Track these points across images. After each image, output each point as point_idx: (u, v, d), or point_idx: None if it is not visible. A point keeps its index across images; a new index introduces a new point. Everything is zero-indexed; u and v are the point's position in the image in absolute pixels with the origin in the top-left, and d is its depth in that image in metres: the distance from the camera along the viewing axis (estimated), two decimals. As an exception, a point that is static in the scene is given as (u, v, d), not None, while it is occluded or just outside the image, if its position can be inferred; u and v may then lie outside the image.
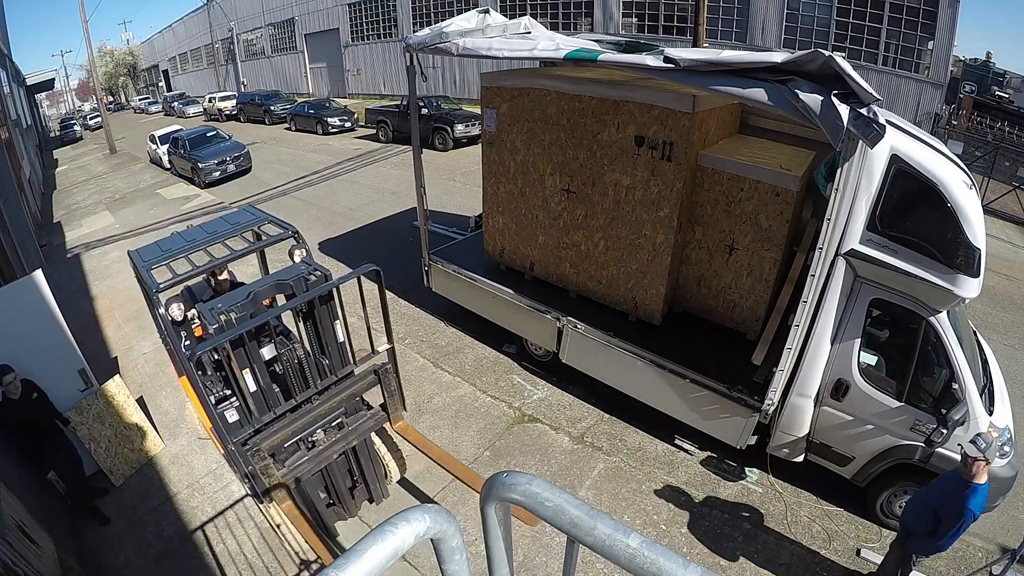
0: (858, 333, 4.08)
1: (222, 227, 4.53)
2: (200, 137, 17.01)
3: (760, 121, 6.20)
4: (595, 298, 5.90)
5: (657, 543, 0.78)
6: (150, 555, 4.53)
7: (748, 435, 4.62)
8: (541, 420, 5.81)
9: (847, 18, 17.27)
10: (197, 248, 4.18)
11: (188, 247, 4.19)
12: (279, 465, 3.97)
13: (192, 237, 4.37)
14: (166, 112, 38.02)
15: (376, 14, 30.38)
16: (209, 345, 3.39)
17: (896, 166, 3.55)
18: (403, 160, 16.16)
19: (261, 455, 3.76)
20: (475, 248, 7.15)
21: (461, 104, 21.20)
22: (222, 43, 42.61)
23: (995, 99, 18.94)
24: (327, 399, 4.14)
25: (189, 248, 4.18)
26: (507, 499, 0.92)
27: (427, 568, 4.14)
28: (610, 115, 5.01)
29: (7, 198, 9.42)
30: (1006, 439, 4.02)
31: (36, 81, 30.94)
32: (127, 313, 8.49)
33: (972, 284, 3.55)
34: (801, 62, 3.28)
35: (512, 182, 6.11)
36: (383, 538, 0.78)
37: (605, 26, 21.68)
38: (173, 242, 4.34)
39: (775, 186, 4.66)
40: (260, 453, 3.75)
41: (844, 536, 4.50)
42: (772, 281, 4.99)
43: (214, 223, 4.66)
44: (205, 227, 4.57)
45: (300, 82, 37.68)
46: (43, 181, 21.23)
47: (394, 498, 4.90)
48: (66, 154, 28.85)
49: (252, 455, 3.71)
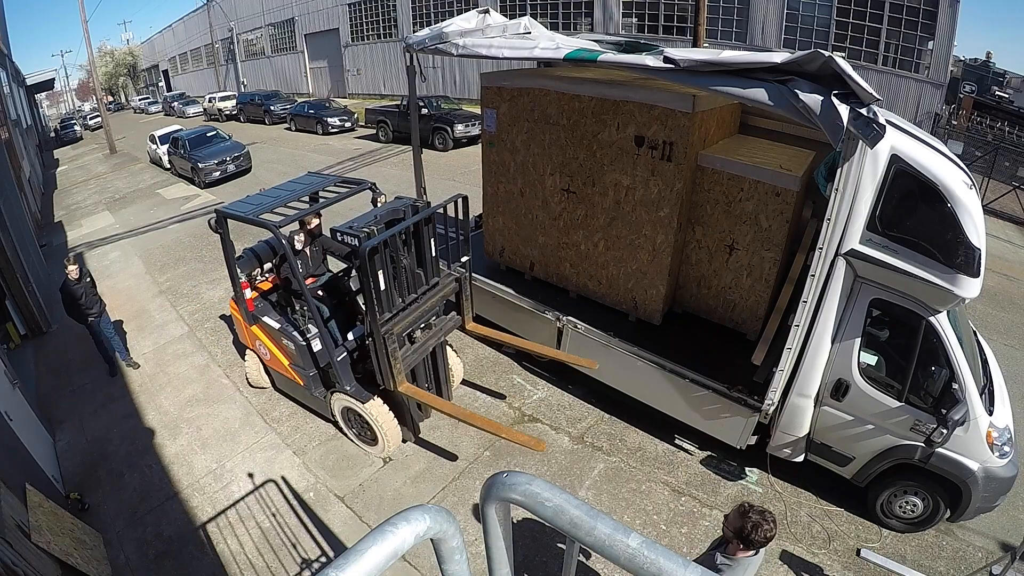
0: (858, 333, 4.08)
1: (299, 187, 5.44)
2: (200, 137, 17.00)
3: (760, 121, 6.20)
4: (595, 298, 5.90)
5: (657, 543, 0.79)
6: (150, 555, 4.53)
7: (748, 435, 4.63)
8: (541, 420, 5.81)
9: (847, 18, 17.26)
10: (289, 200, 5.07)
11: (278, 200, 5.06)
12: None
13: (276, 194, 5.24)
14: (166, 112, 38.00)
15: (376, 14, 30.37)
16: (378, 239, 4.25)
17: (896, 166, 3.54)
18: (403, 160, 16.16)
19: (392, 338, 4.56)
20: (475, 248, 7.15)
21: (461, 104, 21.20)
22: (222, 43, 42.60)
23: (995, 99, 18.94)
24: (427, 299, 5.02)
25: (279, 201, 5.04)
26: (507, 499, 0.93)
27: (427, 568, 4.14)
28: (610, 115, 5.01)
29: (7, 198, 9.42)
30: (1006, 439, 4.03)
31: (36, 81, 30.97)
32: (128, 313, 8.49)
33: (972, 284, 3.54)
34: (801, 62, 3.28)
35: (512, 182, 6.11)
36: (383, 538, 0.78)
37: (605, 26, 21.68)
38: (261, 198, 5.19)
39: (775, 186, 4.66)
40: (392, 336, 4.55)
41: (844, 536, 4.50)
42: (772, 281, 4.99)
43: (288, 184, 5.58)
44: (283, 187, 5.51)
45: (300, 82, 37.68)
46: (43, 181, 21.24)
47: (394, 498, 4.91)
48: (66, 154, 28.86)
49: (387, 338, 4.52)
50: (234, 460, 5.42)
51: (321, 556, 4.43)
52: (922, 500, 4.32)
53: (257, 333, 5.65)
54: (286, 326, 5.37)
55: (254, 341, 5.79)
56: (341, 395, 5.18)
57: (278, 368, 5.74)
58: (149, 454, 5.61)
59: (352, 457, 5.40)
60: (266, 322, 5.51)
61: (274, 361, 5.69)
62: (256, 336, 5.68)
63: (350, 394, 5.08)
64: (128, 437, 5.88)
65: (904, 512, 4.42)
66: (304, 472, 5.23)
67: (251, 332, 5.71)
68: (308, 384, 5.44)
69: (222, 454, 5.50)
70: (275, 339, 5.51)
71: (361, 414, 5.14)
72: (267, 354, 5.75)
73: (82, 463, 5.60)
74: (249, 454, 5.48)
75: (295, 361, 5.43)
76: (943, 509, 4.22)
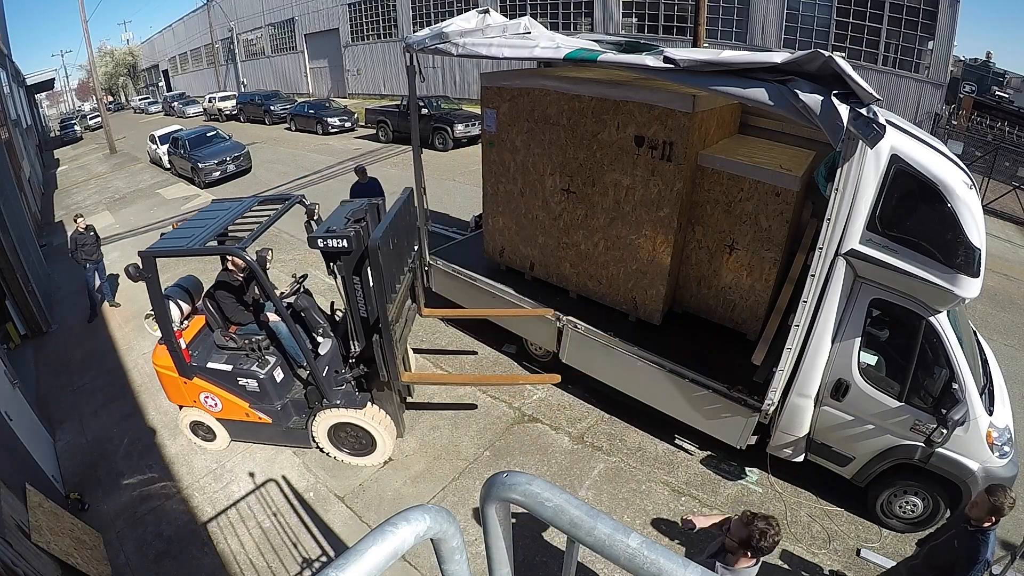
0: (858, 333, 4.08)
1: (221, 213, 4.97)
2: (200, 137, 17.00)
3: (760, 121, 6.20)
4: (595, 298, 5.90)
5: (657, 543, 0.78)
6: (150, 555, 4.53)
7: (748, 435, 4.62)
8: (541, 420, 5.81)
9: (847, 18, 17.26)
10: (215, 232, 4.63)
11: (208, 229, 4.63)
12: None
13: (200, 225, 4.78)
14: (166, 112, 38.01)
15: (376, 14, 30.38)
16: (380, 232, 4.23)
17: (896, 166, 3.54)
18: (403, 160, 16.15)
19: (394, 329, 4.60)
20: (475, 248, 7.15)
21: (461, 104, 21.20)
22: (222, 43, 42.61)
23: (995, 99, 18.94)
24: (403, 288, 5.11)
25: (210, 230, 4.63)
26: (507, 499, 0.92)
27: (427, 568, 4.14)
28: (610, 115, 5.00)
29: (7, 198, 9.42)
30: (1006, 439, 4.03)
31: (36, 81, 30.99)
32: (128, 313, 8.49)
33: (972, 284, 3.54)
34: (801, 62, 3.28)
35: (512, 182, 6.11)
36: (383, 538, 0.78)
37: (605, 26, 21.68)
38: (186, 231, 4.74)
39: (775, 186, 4.66)
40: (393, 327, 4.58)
41: (844, 536, 4.50)
42: (772, 281, 4.99)
43: (201, 216, 5.04)
44: (196, 220, 4.97)
45: (300, 82, 37.68)
46: (43, 181, 21.25)
47: (394, 498, 4.91)
48: (66, 154, 28.86)
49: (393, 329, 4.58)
50: (234, 460, 5.42)
51: (321, 556, 4.43)
52: (922, 500, 4.32)
53: (201, 385, 5.00)
54: (239, 365, 4.92)
55: (196, 396, 5.07)
56: (329, 412, 4.92)
57: (235, 416, 5.12)
58: (149, 454, 5.61)
59: (352, 457, 5.40)
60: (212, 369, 4.96)
61: (230, 410, 5.07)
62: (199, 389, 5.01)
63: (343, 406, 4.87)
64: (128, 437, 5.88)
65: (904, 512, 4.42)
66: (304, 472, 5.23)
67: (189, 387, 5.00)
68: (278, 418, 5.05)
69: (222, 454, 5.50)
70: (227, 384, 4.96)
71: (357, 424, 4.96)
72: (217, 405, 5.07)
73: (82, 463, 5.60)
74: (249, 454, 5.48)
75: (257, 401, 5.01)
76: (943, 509, 4.23)
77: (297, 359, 5.17)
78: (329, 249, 4.36)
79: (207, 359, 5.03)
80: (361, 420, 4.94)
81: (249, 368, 4.90)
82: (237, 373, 4.91)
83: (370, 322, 4.74)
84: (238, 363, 4.94)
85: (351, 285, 4.54)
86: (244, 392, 4.98)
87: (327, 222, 4.60)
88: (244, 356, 5.00)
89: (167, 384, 5.13)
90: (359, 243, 4.34)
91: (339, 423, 5.00)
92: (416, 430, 5.70)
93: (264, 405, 5.02)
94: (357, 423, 4.97)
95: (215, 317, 5.07)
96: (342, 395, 4.94)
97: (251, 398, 4.99)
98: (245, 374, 4.90)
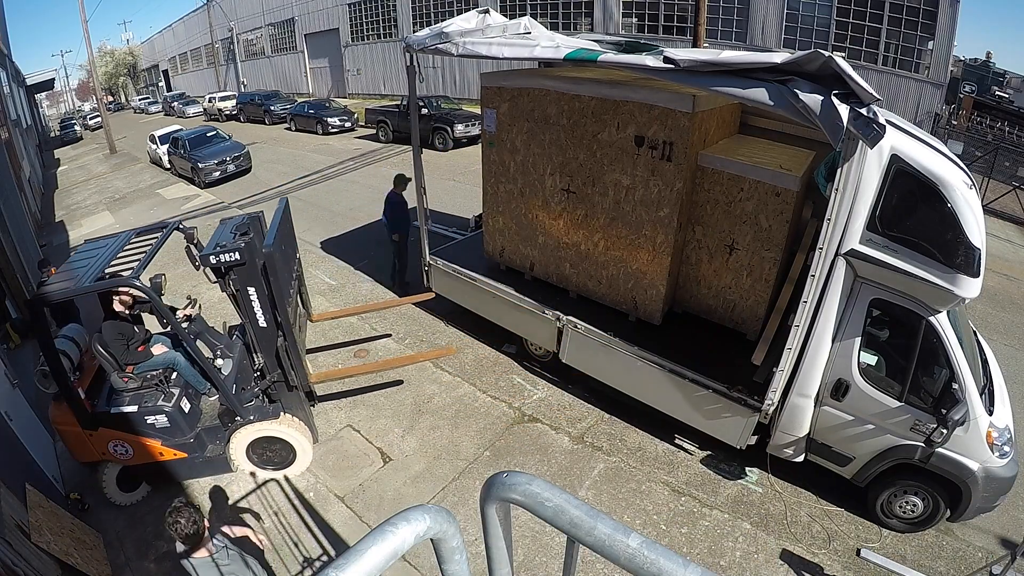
0: (858, 333, 4.08)
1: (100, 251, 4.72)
2: (200, 137, 17.01)
3: (760, 121, 6.20)
4: (595, 298, 5.90)
5: (657, 543, 0.78)
6: (150, 555, 4.53)
7: (748, 435, 4.62)
8: (541, 420, 5.81)
9: (847, 18, 17.26)
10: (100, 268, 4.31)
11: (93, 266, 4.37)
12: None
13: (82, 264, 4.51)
14: (166, 112, 38.02)
15: (376, 14, 30.38)
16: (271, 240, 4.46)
17: (896, 166, 3.54)
18: (403, 160, 16.15)
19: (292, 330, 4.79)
20: (475, 248, 7.15)
21: (461, 104, 21.20)
22: (222, 43, 42.61)
23: (995, 99, 18.94)
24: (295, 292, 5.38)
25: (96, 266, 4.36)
26: (507, 499, 0.92)
27: (427, 568, 4.14)
28: (610, 115, 5.01)
29: (7, 198, 9.42)
30: (1006, 439, 4.03)
31: (36, 81, 30.98)
32: (127, 313, 8.49)
33: (972, 284, 3.55)
34: (801, 62, 3.28)
35: (512, 182, 6.11)
36: (383, 538, 0.78)
37: (605, 26, 21.67)
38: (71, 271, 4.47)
39: (775, 186, 4.66)
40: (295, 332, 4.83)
41: (844, 536, 4.50)
42: (772, 281, 4.99)
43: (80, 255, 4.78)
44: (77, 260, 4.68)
45: (300, 82, 37.68)
46: (43, 181, 21.25)
47: (394, 498, 4.91)
48: (66, 154, 28.86)
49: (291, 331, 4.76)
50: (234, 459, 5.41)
51: (322, 556, 4.43)
52: (922, 500, 4.32)
53: (108, 435, 4.66)
54: (144, 403, 4.69)
55: (104, 447, 4.69)
56: (245, 430, 4.82)
57: (149, 458, 4.83)
58: (149, 454, 5.60)
59: (352, 457, 5.40)
60: (117, 413, 4.65)
61: (143, 453, 4.78)
62: (108, 438, 4.66)
63: (257, 420, 4.81)
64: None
65: (904, 512, 4.42)
66: (304, 472, 5.23)
67: (96, 439, 4.64)
68: (193, 450, 4.89)
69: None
70: (136, 427, 4.70)
71: (274, 436, 4.90)
72: (128, 452, 4.74)
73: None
74: (249, 454, 5.47)
75: (169, 436, 4.79)
76: (943, 509, 4.23)
77: (198, 386, 5.03)
78: (222, 264, 4.32)
79: (108, 405, 4.73)
80: (278, 431, 4.89)
81: (156, 404, 4.70)
82: (144, 412, 4.66)
83: (269, 332, 4.70)
84: (142, 401, 4.71)
85: (247, 297, 4.50)
86: (154, 430, 4.74)
87: (213, 239, 4.57)
88: (146, 393, 4.79)
89: (71, 441, 4.71)
90: (251, 254, 4.33)
91: (257, 439, 4.91)
92: (416, 430, 5.70)
93: (177, 439, 4.83)
94: (275, 435, 4.91)
95: (109, 361, 4.72)
96: (253, 410, 4.91)
97: (162, 435, 4.77)
98: (152, 411, 4.67)
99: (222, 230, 4.78)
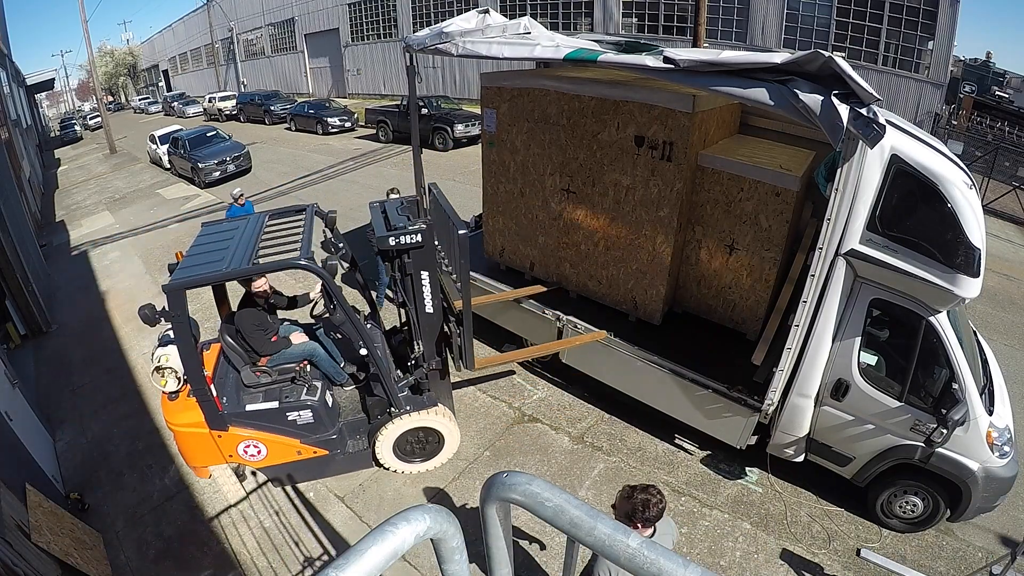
0: (858, 333, 4.08)
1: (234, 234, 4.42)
2: (200, 137, 17.01)
3: (760, 121, 6.20)
4: (595, 298, 5.90)
5: (657, 543, 0.79)
6: (150, 555, 4.53)
7: (748, 435, 4.62)
8: (541, 420, 5.81)
9: (847, 18, 17.26)
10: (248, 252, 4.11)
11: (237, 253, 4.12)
12: None
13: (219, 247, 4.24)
14: (166, 112, 37.99)
15: (376, 14, 30.36)
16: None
17: (896, 166, 3.54)
18: (403, 160, 16.15)
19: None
20: (475, 248, 7.14)
21: (461, 104, 21.20)
22: (222, 43, 42.59)
23: (995, 99, 18.92)
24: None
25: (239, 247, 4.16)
26: (507, 499, 0.93)
27: (427, 568, 4.14)
28: (610, 115, 5.01)
29: (7, 198, 9.41)
30: (1006, 439, 4.02)
31: (36, 81, 30.98)
32: (128, 313, 8.49)
33: (972, 284, 3.54)
34: (801, 62, 3.28)
35: (512, 182, 6.11)
36: (383, 538, 0.78)
37: (605, 26, 21.66)
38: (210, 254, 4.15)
39: (775, 186, 4.66)
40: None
41: (844, 536, 4.50)
42: (772, 281, 4.99)
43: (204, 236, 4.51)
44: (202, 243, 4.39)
45: (300, 82, 37.67)
46: (43, 181, 21.24)
47: (394, 498, 4.91)
48: (66, 154, 28.87)
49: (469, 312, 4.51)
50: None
51: (322, 555, 4.43)
52: (922, 500, 4.32)
53: (239, 435, 4.41)
54: (284, 399, 4.44)
55: (233, 448, 4.44)
56: (399, 421, 4.59)
57: (284, 458, 4.63)
58: (149, 454, 5.61)
59: (352, 457, 5.39)
60: (254, 411, 4.40)
61: (277, 453, 4.57)
62: (237, 439, 4.40)
63: (414, 410, 4.62)
64: (128, 437, 5.87)
65: (904, 512, 4.42)
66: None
67: (224, 441, 4.35)
68: (335, 446, 4.68)
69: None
70: (274, 425, 4.43)
71: (427, 427, 4.77)
72: (260, 453, 4.49)
73: (82, 463, 5.60)
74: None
75: (310, 433, 4.55)
76: (943, 509, 4.23)
77: (337, 378, 4.89)
78: (400, 247, 4.15)
79: (240, 403, 4.44)
80: (435, 421, 4.77)
81: (298, 399, 4.42)
82: (286, 408, 4.39)
83: (434, 318, 4.57)
84: (282, 397, 4.47)
85: (419, 281, 4.28)
86: (295, 428, 4.48)
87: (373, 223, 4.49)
88: (284, 388, 4.55)
89: (192, 445, 4.40)
90: (431, 236, 4.20)
91: (407, 431, 4.70)
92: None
93: (319, 436, 4.58)
94: (431, 425, 4.77)
95: (240, 353, 4.52)
96: (407, 400, 4.72)
97: (303, 432, 4.51)
98: (295, 406, 4.39)
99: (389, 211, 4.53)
